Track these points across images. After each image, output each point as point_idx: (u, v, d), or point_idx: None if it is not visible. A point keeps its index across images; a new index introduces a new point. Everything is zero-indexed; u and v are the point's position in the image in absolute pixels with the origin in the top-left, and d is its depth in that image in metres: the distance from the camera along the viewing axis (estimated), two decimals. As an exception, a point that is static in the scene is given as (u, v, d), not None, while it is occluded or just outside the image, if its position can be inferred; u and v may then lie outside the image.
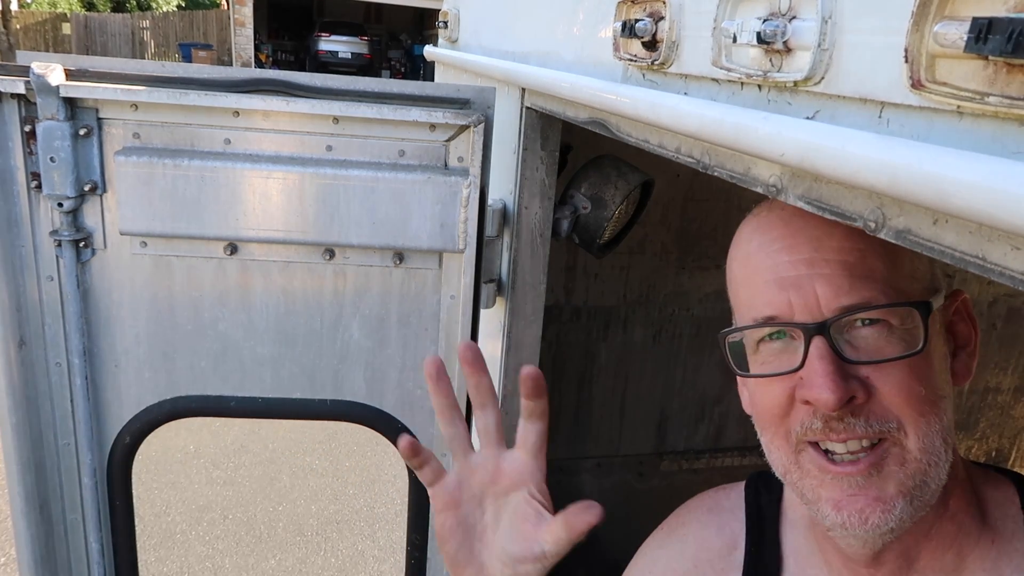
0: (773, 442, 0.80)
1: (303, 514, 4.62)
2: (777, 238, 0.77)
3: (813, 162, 0.54)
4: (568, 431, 2.40)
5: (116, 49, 27.53)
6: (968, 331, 0.82)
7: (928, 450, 0.72)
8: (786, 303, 0.75)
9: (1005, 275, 0.44)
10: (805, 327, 0.73)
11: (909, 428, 0.72)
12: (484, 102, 1.35)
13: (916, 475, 0.72)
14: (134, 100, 1.26)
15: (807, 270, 0.74)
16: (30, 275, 1.34)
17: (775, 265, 0.76)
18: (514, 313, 1.43)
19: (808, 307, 0.73)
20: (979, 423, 2.88)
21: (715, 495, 1.08)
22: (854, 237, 0.73)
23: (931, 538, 0.80)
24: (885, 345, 0.72)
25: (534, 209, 1.38)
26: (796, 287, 0.74)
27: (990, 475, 0.86)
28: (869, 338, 0.72)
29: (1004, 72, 0.41)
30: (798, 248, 0.75)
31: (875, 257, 0.73)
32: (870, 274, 0.72)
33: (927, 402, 0.72)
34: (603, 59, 0.97)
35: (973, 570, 0.79)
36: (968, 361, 0.81)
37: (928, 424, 0.72)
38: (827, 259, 0.73)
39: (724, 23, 0.68)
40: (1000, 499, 0.82)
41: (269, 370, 1.45)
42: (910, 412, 0.72)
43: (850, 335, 0.73)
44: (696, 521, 1.07)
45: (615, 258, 2.23)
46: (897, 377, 0.71)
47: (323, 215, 1.31)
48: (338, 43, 25.27)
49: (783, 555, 0.95)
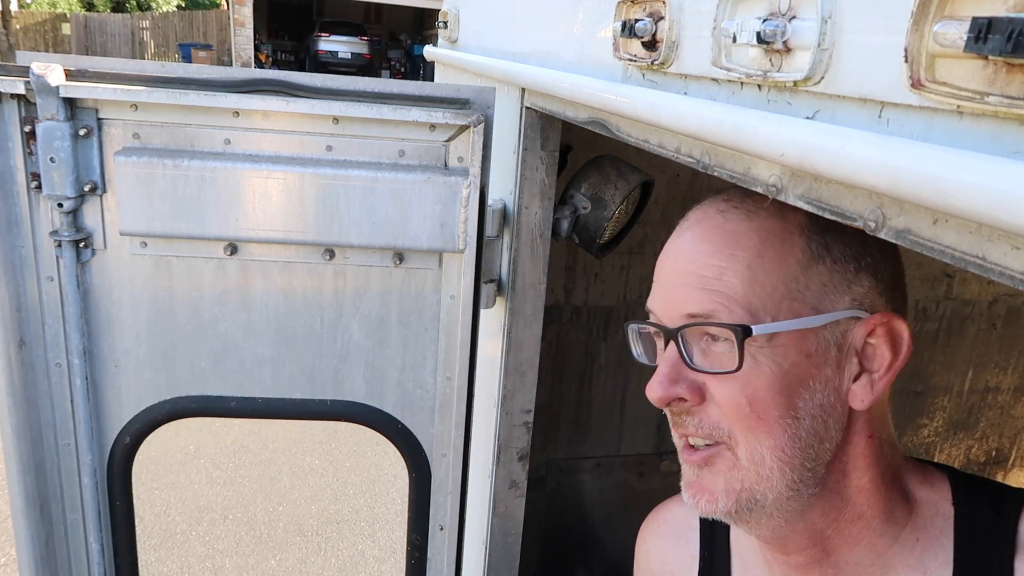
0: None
1: (303, 514, 4.62)
2: (675, 247, 0.85)
3: (813, 162, 0.54)
4: (568, 431, 2.40)
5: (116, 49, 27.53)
6: (885, 356, 0.81)
7: (756, 463, 0.78)
8: (658, 305, 0.84)
9: (1005, 275, 0.44)
10: (664, 330, 0.82)
11: (739, 439, 0.78)
12: (484, 102, 1.35)
13: (743, 482, 0.79)
14: (134, 100, 1.26)
15: (677, 279, 0.82)
16: (30, 275, 1.34)
17: (662, 270, 0.86)
18: (514, 313, 1.43)
19: (667, 312, 0.82)
20: (979, 423, 2.88)
21: (672, 506, 1.12)
22: (719, 255, 0.79)
23: (832, 536, 0.85)
24: (726, 360, 0.77)
25: (534, 209, 1.38)
26: (664, 293, 0.83)
27: (928, 474, 0.89)
28: (718, 351, 0.78)
29: (1004, 72, 0.41)
30: (679, 259, 0.83)
31: (733, 275, 0.78)
32: (722, 289, 0.78)
33: (755, 418, 0.77)
34: (603, 59, 0.97)
35: (896, 566, 0.84)
36: (868, 387, 0.81)
37: (757, 440, 0.77)
38: (691, 271, 0.80)
39: (724, 23, 0.68)
40: (933, 498, 0.86)
41: (269, 370, 1.45)
42: (737, 425, 0.78)
43: (705, 345, 0.80)
44: (654, 535, 1.12)
45: (615, 258, 2.23)
46: (726, 391, 0.78)
47: (323, 215, 1.31)
48: (338, 43, 25.26)
49: (732, 556, 1.02)
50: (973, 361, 2.74)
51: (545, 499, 2.38)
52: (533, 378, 1.47)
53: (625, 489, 2.47)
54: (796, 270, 0.78)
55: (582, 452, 2.42)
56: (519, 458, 1.51)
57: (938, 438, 2.88)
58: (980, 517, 0.82)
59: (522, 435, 1.49)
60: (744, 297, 0.77)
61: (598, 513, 2.48)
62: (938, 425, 2.85)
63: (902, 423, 2.81)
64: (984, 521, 0.82)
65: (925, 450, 2.89)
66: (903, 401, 2.75)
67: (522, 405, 1.48)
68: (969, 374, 2.76)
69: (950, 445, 2.91)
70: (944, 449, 2.91)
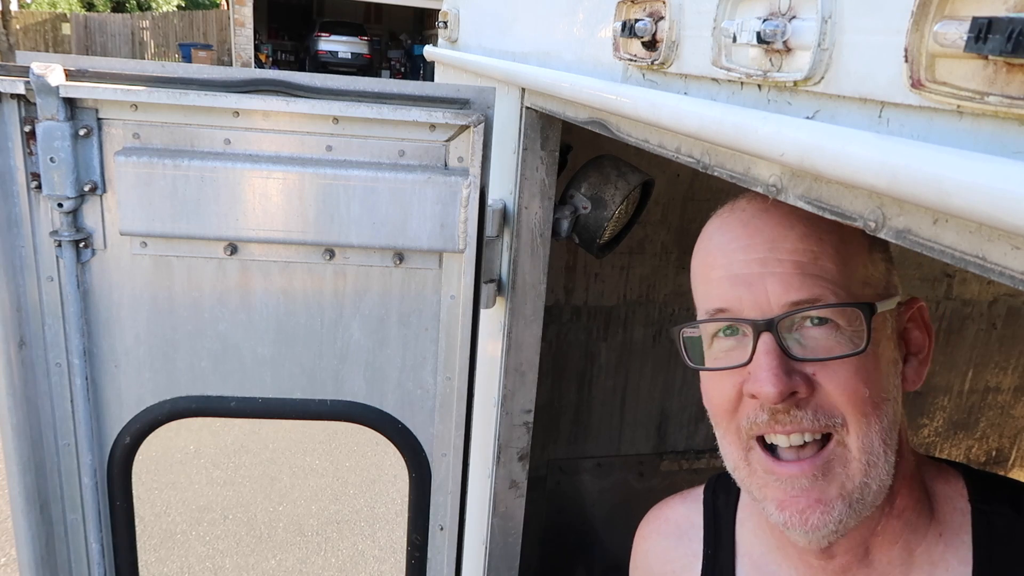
0: (726, 437, 0.83)
1: (303, 514, 4.62)
2: (735, 238, 0.80)
3: (813, 162, 0.54)
4: (568, 431, 2.40)
5: (116, 49, 27.52)
6: (922, 338, 0.84)
7: (868, 450, 0.75)
8: (737, 299, 0.78)
9: (1005, 275, 0.44)
10: (754, 323, 0.76)
11: (852, 426, 0.75)
12: (484, 102, 1.35)
13: (857, 476, 0.75)
14: (134, 100, 1.26)
15: (760, 268, 0.77)
16: (30, 275, 1.34)
17: (730, 263, 0.79)
18: (514, 313, 1.43)
19: (758, 304, 0.76)
20: (979, 423, 2.88)
21: (673, 503, 1.10)
22: (809, 239, 0.76)
23: (879, 534, 0.83)
24: (833, 345, 0.74)
25: (534, 209, 1.38)
26: (748, 284, 0.77)
27: (941, 469, 0.89)
28: (818, 337, 0.75)
29: (1004, 72, 0.41)
30: (754, 248, 0.78)
31: (827, 259, 0.76)
32: (821, 274, 0.75)
33: (869, 403, 0.75)
34: (603, 59, 0.97)
35: (921, 563, 0.83)
36: (919, 368, 0.83)
37: (868, 425, 0.75)
38: (780, 259, 0.76)
39: (724, 23, 0.68)
40: (949, 494, 0.86)
41: (269, 370, 1.45)
42: (852, 411, 0.74)
43: (800, 334, 0.76)
44: (655, 533, 1.10)
45: (615, 258, 2.23)
46: (841, 376, 0.74)
47: (323, 215, 1.31)
48: (338, 43, 25.25)
49: (736, 555, 0.99)
50: (973, 361, 2.74)
51: (545, 499, 2.38)
52: (533, 378, 1.47)
53: (625, 489, 2.47)
54: (865, 255, 0.79)
55: (582, 452, 2.42)
56: (519, 458, 1.51)
57: (938, 438, 2.88)
58: (999, 514, 0.82)
59: (522, 435, 1.49)
60: (842, 280, 0.75)
61: (598, 513, 2.48)
62: (938, 425, 2.85)
63: (902, 423, 2.81)
64: (1003, 518, 0.82)
65: (925, 450, 2.89)
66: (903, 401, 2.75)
67: (522, 405, 1.48)
68: (969, 374, 2.76)
69: (950, 445, 2.91)
70: (944, 449, 2.91)
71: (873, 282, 0.79)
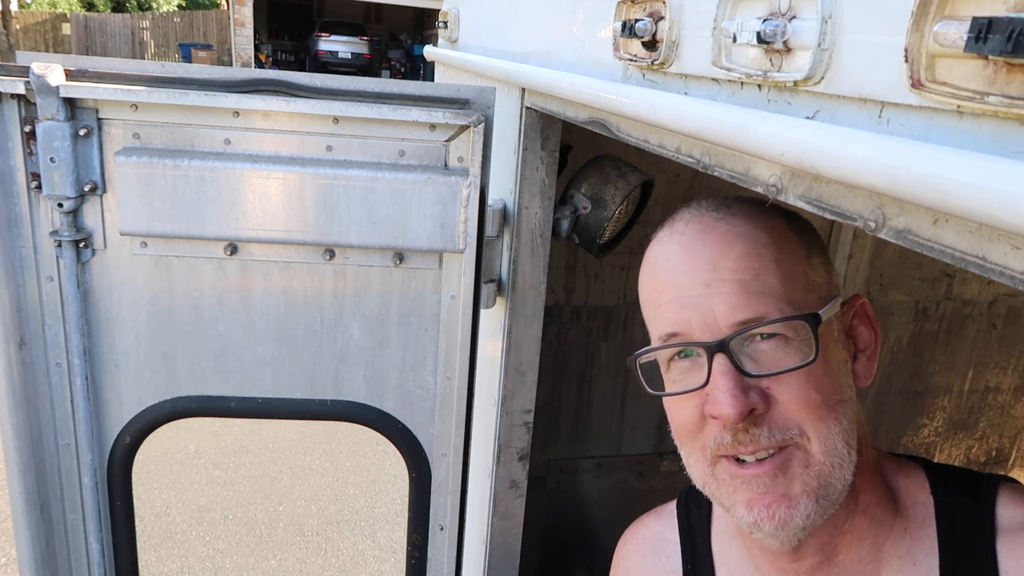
0: (691, 456, 0.85)
1: (303, 514, 4.62)
2: (679, 262, 0.81)
3: (813, 162, 0.54)
4: (568, 431, 2.40)
5: (116, 49, 27.52)
6: (868, 334, 0.86)
7: (831, 452, 0.77)
8: (687, 322, 0.79)
9: (1005, 275, 0.44)
10: (707, 345, 0.77)
11: (811, 434, 0.76)
12: (484, 102, 1.35)
13: (820, 476, 0.77)
14: (134, 100, 1.26)
15: (705, 290, 0.78)
16: (30, 275, 1.34)
17: (677, 286, 0.81)
18: (514, 313, 1.43)
19: (708, 326, 0.78)
20: (979, 423, 2.88)
21: (648, 521, 1.11)
22: (749, 257, 0.78)
23: (846, 532, 0.84)
24: (783, 357, 0.76)
25: (534, 209, 1.38)
26: (695, 307, 0.79)
27: (902, 464, 0.90)
28: (768, 351, 0.76)
29: (1004, 72, 0.41)
30: (697, 270, 0.79)
31: (769, 275, 0.77)
32: (764, 290, 0.77)
33: (825, 407, 0.76)
34: (603, 59, 0.97)
35: (889, 559, 0.84)
36: (868, 363, 0.85)
37: (828, 428, 0.76)
38: (723, 279, 0.78)
39: (724, 23, 0.68)
40: (911, 488, 0.87)
41: (269, 370, 1.45)
42: (809, 418, 0.76)
43: (750, 349, 0.77)
44: (633, 553, 1.11)
45: (615, 258, 2.23)
46: (794, 387, 0.76)
47: (323, 215, 1.31)
48: (338, 43, 25.24)
49: (715, 566, 1.00)
50: (973, 361, 2.74)
51: (545, 499, 2.38)
52: (533, 378, 1.47)
53: (625, 489, 2.47)
54: (804, 263, 0.81)
55: (582, 452, 2.42)
56: (519, 458, 1.51)
57: (938, 438, 2.88)
58: (960, 505, 0.84)
59: (522, 435, 1.49)
60: (785, 293, 0.77)
61: (598, 513, 2.48)
62: (938, 425, 2.85)
63: (902, 423, 2.81)
64: (964, 509, 0.84)
65: (925, 450, 2.89)
66: (903, 401, 2.75)
67: (522, 405, 1.48)
68: (969, 374, 2.76)
69: (950, 445, 2.91)
70: (944, 449, 2.91)
71: (815, 287, 0.81)
